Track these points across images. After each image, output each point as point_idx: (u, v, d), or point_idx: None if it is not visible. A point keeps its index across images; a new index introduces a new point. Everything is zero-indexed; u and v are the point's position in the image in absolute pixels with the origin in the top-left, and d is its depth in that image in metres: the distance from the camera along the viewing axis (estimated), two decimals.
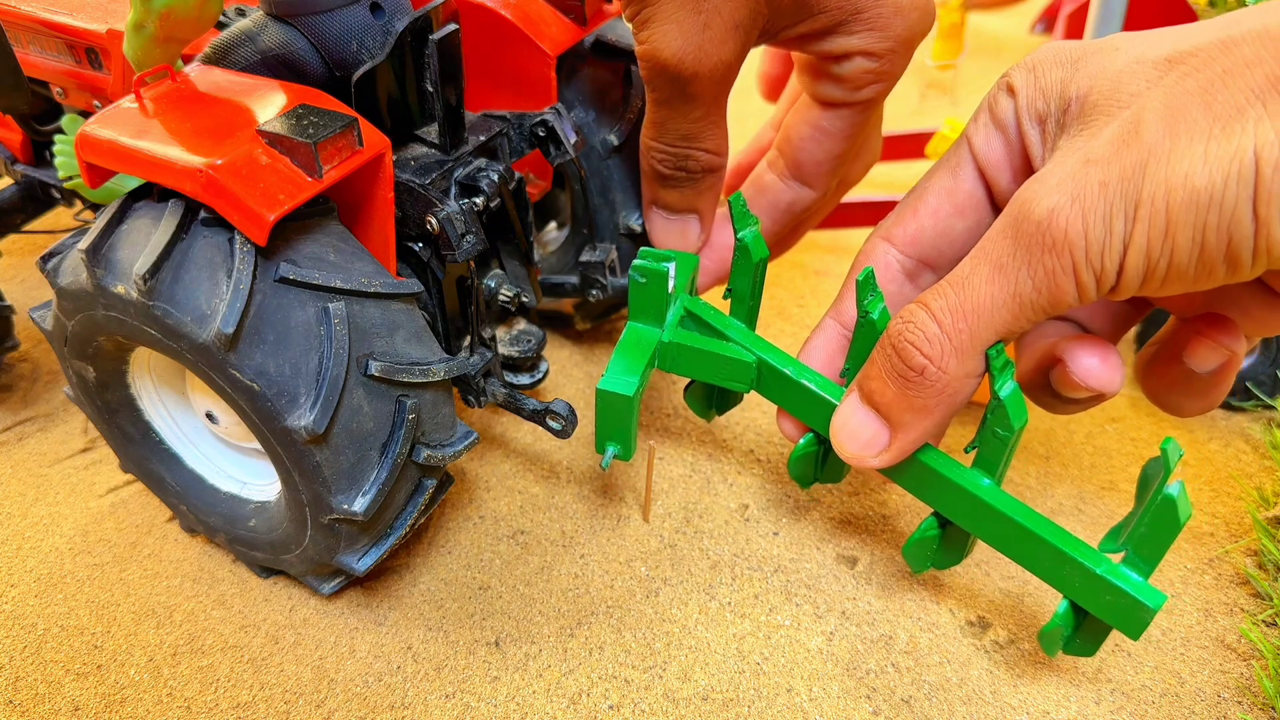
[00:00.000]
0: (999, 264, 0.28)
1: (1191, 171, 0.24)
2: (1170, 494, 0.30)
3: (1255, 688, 0.38)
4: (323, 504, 0.35)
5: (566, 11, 0.46)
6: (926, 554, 0.38)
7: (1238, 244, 0.24)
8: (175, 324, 0.32)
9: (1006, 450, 0.33)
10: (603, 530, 0.47)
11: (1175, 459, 0.30)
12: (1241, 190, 0.23)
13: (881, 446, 0.33)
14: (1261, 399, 0.52)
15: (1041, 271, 0.27)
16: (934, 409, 0.31)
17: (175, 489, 0.43)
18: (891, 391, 0.32)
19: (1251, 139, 0.23)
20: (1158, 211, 0.24)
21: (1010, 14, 1.16)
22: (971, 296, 0.29)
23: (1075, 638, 0.35)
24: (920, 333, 0.30)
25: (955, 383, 0.30)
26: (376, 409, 0.35)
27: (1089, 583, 0.32)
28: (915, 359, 0.30)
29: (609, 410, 0.38)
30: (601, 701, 0.38)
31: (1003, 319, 0.29)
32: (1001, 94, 0.33)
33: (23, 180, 0.57)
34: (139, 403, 0.42)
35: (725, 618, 0.42)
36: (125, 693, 0.39)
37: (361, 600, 0.43)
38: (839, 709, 0.38)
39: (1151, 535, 0.31)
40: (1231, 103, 0.24)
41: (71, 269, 0.36)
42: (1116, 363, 0.32)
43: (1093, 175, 0.26)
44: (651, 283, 0.39)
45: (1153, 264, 0.25)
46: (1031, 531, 0.33)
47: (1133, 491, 0.48)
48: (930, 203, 0.36)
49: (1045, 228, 0.27)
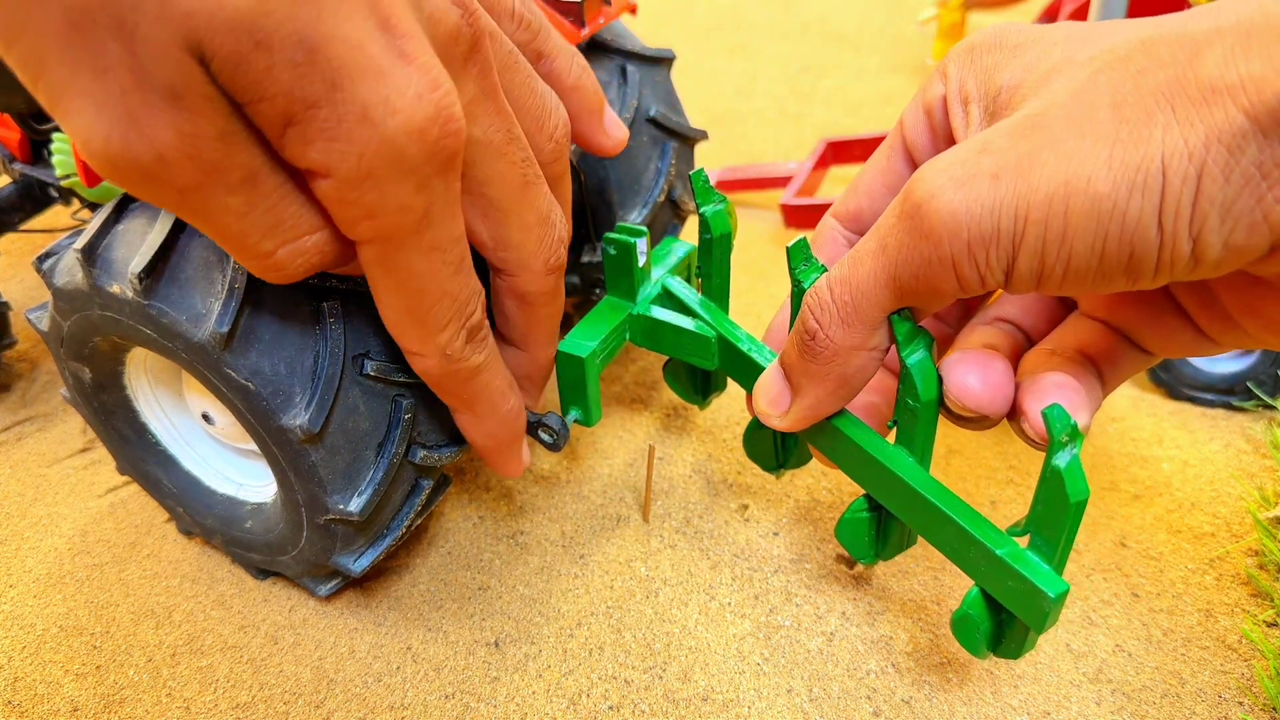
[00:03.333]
0: (883, 242, 0.27)
1: (1094, 176, 0.22)
2: (1057, 465, 0.27)
3: (1256, 688, 0.38)
4: (319, 504, 0.35)
5: (564, 13, 0.46)
6: (863, 538, 0.37)
7: (1140, 256, 0.23)
8: (171, 323, 0.32)
9: (919, 423, 0.31)
10: (602, 530, 0.47)
11: (1060, 429, 0.27)
12: (1146, 201, 0.22)
13: (783, 408, 0.33)
14: (1262, 399, 0.52)
15: (919, 258, 0.26)
16: (825, 377, 0.31)
17: (172, 490, 0.43)
18: (794, 354, 0.31)
19: (1159, 147, 0.22)
20: (1055, 214, 0.23)
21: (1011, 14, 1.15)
22: (858, 271, 0.28)
23: (999, 635, 0.33)
24: (815, 298, 0.30)
25: (844, 353, 0.30)
26: (372, 409, 0.35)
27: (992, 567, 0.30)
28: (809, 323, 0.30)
29: (567, 372, 0.39)
30: (601, 702, 0.38)
31: (884, 298, 0.28)
32: (936, 79, 0.32)
33: (20, 179, 0.57)
34: (135, 404, 0.42)
35: (725, 618, 0.42)
36: (124, 693, 0.39)
37: (361, 601, 0.43)
38: (839, 709, 0.38)
39: (1047, 515, 0.28)
40: (1141, 106, 0.22)
41: (67, 269, 0.35)
42: (1000, 383, 0.30)
43: (985, 164, 0.24)
44: (621, 254, 0.39)
45: (1047, 267, 0.24)
46: (939, 509, 0.32)
47: (1134, 492, 0.48)
48: (866, 181, 0.35)
49: (924, 211, 0.25)
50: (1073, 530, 0.28)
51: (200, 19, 0.21)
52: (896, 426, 0.33)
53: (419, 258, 0.28)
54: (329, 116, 0.23)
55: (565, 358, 0.39)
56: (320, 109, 0.23)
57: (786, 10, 1.25)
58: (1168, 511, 0.47)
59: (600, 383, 0.44)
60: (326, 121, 0.23)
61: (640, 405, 0.55)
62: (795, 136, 0.90)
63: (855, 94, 0.99)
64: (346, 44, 0.23)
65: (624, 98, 0.47)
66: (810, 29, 1.19)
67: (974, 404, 0.30)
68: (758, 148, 0.88)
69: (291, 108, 0.23)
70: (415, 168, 0.25)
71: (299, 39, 0.22)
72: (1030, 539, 0.30)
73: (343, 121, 0.23)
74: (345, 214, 0.26)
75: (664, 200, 0.51)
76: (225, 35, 0.21)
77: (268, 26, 0.22)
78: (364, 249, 0.28)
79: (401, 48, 0.24)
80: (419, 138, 0.24)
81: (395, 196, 0.25)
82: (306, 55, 0.22)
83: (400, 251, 0.27)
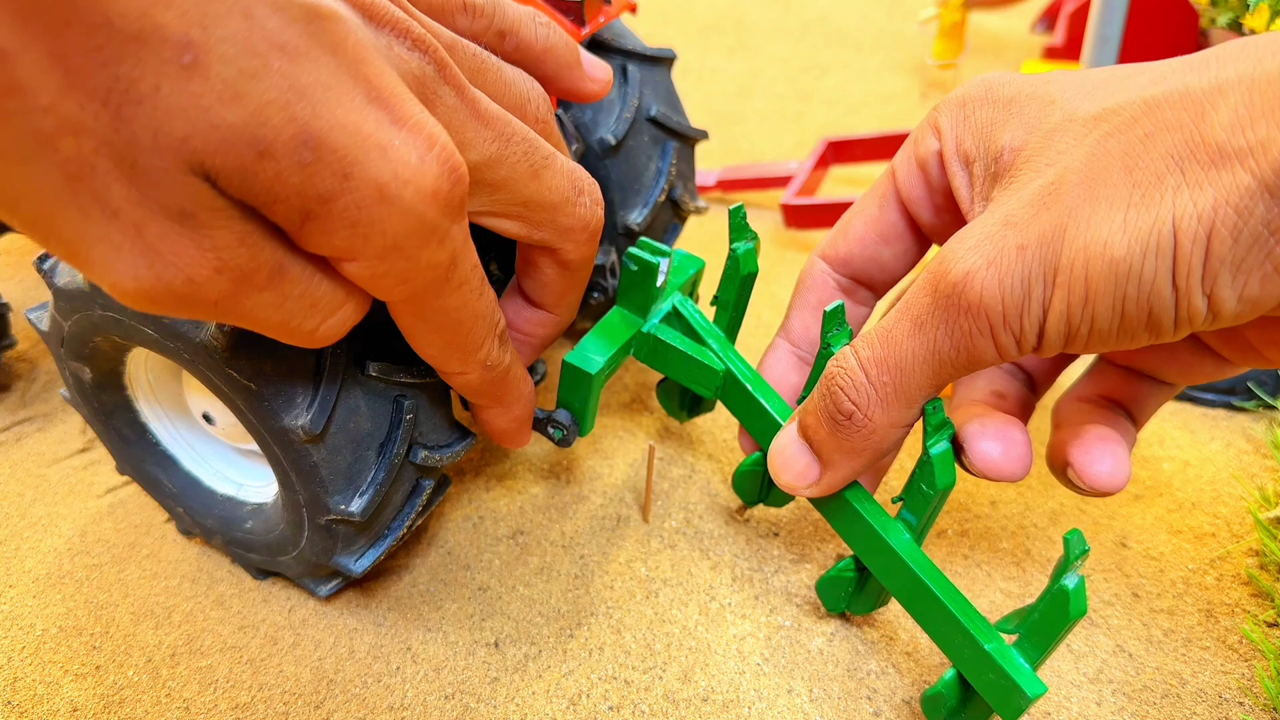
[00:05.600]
0: (918, 321, 0.28)
1: (1111, 240, 0.23)
2: (1065, 586, 0.29)
3: (1257, 688, 0.38)
4: (320, 505, 0.35)
5: (565, 12, 0.46)
6: (841, 594, 0.39)
7: (1158, 314, 0.24)
8: (172, 323, 0.32)
9: (930, 507, 0.33)
10: (602, 531, 0.47)
11: (1076, 553, 0.29)
12: (1160, 263, 0.23)
13: (812, 480, 0.34)
14: (1263, 399, 0.52)
15: (959, 332, 0.27)
16: (861, 453, 0.32)
17: (172, 491, 0.43)
18: (824, 431, 0.32)
19: (1170, 210, 0.23)
20: (1077, 279, 0.24)
21: (1011, 13, 1.15)
22: (895, 351, 0.29)
23: (960, 713, 0.34)
24: (849, 380, 0.31)
25: (881, 430, 0.31)
26: (374, 409, 0.35)
27: (976, 657, 0.32)
28: (844, 404, 0.31)
29: (571, 383, 0.39)
30: (601, 703, 0.38)
31: (924, 374, 0.29)
32: (928, 132, 0.33)
33: None
34: (135, 404, 0.42)
35: (726, 618, 0.42)
36: (124, 693, 0.39)
37: (360, 601, 0.43)
38: (839, 709, 0.38)
39: (1043, 623, 0.30)
40: (1151, 169, 0.23)
41: (68, 268, 0.35)
42: (1018, 453, 0.31)
43: (1010, 238, 0.26)
44: (642, 272, 0.39)
45: (1074, 329, 0.25)
46: (932, 591, 0.33)
47: (1134, 492, 0.48)
48: (858, 228, 0.36)
49: (961, 290, 0.27)
50: (1062, 638, 0.30)
51: (197, 140, 0.21)
52: (903, 503, 0.34)
53: (450, 297, 0.29)
54: (347, 205, 0.23)
55: (572, 370, 0.39)
56: (336, 200, 0.23)
57: (787, 10, 1.25)
58: (1168, 512, 0.47)
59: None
60: (345, 210, 0.23)
61: (641, 406, 0.55)
62: (795, 136, 0.90)
63: (856, 94, 0.99)
64: (345, 130, 0.22)
65: (624, 97, 0.47)
66: (811, 29, 1.19)
67: (995, 474, 0.31)
68: (758, 147, 0.88)
69: (307, 205, 0.22)
70: (435, 226, 0.25)
71: (301, 140, 0.22)
72: (1019, 639, 0.31)
73: (361, 207, 0.23)
74: (378, 286, 0.26)
75: (664, 200, 0.51)
76: (226, 152, 0.21)
77: (267, 136, 0.21)
78: (396, 306, 0.28)
79: (393, 114, 0.24)
80: (433, 198, 0.24)
81: (423, 258, 0.26)
82: (313, 154, 0.22)
83: (434, 299, 0.28)
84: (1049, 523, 0.47)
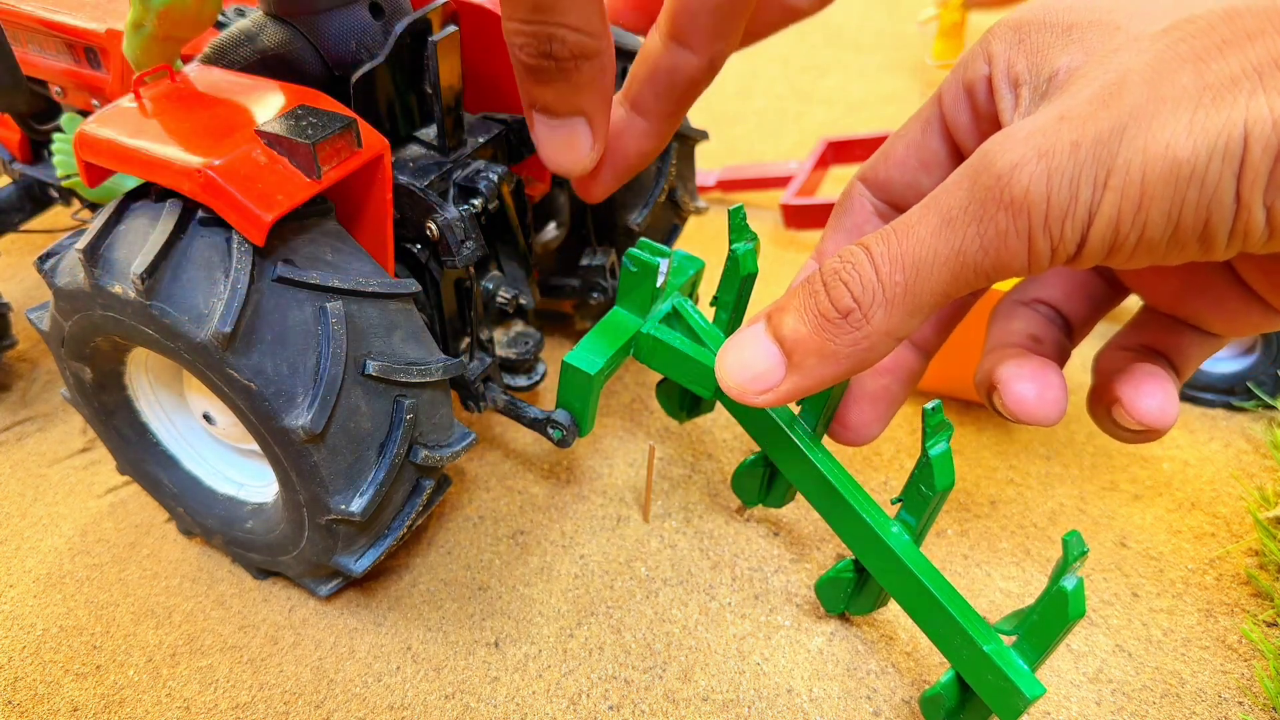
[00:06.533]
0: (948, 217, 0.26)
1: (1174, 141, 0.22)
2: (1064, 587, 0.29)
3: (1256, 688, 0.38)
4: (320, 504, 0.35)
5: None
6: (840, 595, 0.39)
7: (1216, 224, 0.22)
8: (173, 323, 0.32)
9: (929, 508, 0.33)
10: (603, 530, 0.47)
11: (1075, 555, 0.29)
12: (1226, 167, 0.21)
13: (771, 384, 0.30)
14: (1262, 399, 0.52)
15: (993, 230, 0.25)
16: (843, 359, 0.29)
17: (172, 491, 0.43)
18: (805, 329, 0.29)
19: (1243, 113, 0.21)
20: (1132, 181, 0.23)
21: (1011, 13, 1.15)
22: (914, 248, 0.27)
23: (959, 714, 0.34)
24: (855, 274, 0.28)
25: (874, 337, 0.28)
26: (374, 409, 0.35)
27: (974, 658, 0.32)
28: (843, 299, 0.28)
29: (570, 383, 0.39)
30: (601, 702, 0.38)
31: (942, 278, 0.27)
32: (979, 56, 0.31)
33: (21, 179, 0.56)
34: (136, 404, 0.42)
35: (726, 618, 0.42)
36: (124, 693, 0.39)
37: (361, 601, 0.43)
38: (839, 709, 0.38)
39: (1042, 624, 0.30)
40: (1226, 72, 0.22)
41: (69, 269, 0.35)
42: (1054, 395, 0.30)
43: (1065, 133, 0.24)
44: (641, 273, 0.39)
45: (1121, 236, 0.24)
46: (932, 594, 0.33)
47: (1134, 492, 0.48)
48: (899, 152, 0.34)
49: (1005, 183, 0.24)
50: (1061, 640, 0.30)
51: None
52: (903, 504, 0.34)
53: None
54: None
55: (572, 371, 0.39)
56: None
57: None
58: (1168, 511, 0.47)
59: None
60: None
61: (641, 407, 0.55)
62: (795, 136, 0.90)
63: (855, 94, 0.99)
64: None
65: None
66: (811, 29, 1.19)
67: (1029, 417, 0.30)
68: (758, 148, 0.88)
69: None
70: None
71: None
72: (1018, 640, 0.31)
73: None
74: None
75: (664, 200, 0.51)
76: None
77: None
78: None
79: None
80: None
81: None
82: None
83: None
84: (1049, 523, 0.47)
